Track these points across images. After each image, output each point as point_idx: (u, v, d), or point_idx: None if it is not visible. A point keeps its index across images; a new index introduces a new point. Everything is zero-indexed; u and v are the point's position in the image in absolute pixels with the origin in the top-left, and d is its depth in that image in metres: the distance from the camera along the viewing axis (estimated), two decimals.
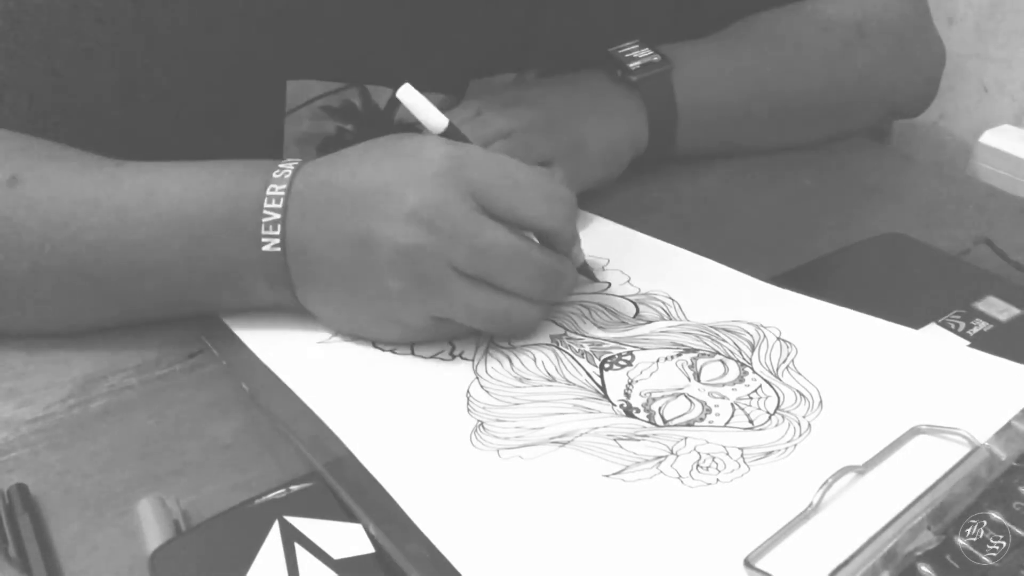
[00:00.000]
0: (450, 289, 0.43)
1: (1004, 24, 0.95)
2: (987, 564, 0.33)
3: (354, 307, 0.46)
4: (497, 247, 0.43)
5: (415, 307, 0.44)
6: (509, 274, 0.44)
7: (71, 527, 0.38)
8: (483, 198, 0.43)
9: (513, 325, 0.46)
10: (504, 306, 0.45)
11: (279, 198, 0.45)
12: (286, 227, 0.45)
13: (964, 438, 0.38)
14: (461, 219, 0.42)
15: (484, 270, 0.43)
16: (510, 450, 0.39)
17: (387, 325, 0.46)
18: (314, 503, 0.37)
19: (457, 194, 0.43)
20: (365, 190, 0.44)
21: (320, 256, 0.45)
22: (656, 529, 0.35)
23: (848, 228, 0.60)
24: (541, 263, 0.45)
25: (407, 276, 0.43)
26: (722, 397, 0.42)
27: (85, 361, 0.48)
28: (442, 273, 0.43)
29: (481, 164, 0.44)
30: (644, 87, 0.63)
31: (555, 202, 0.45)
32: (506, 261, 0.43)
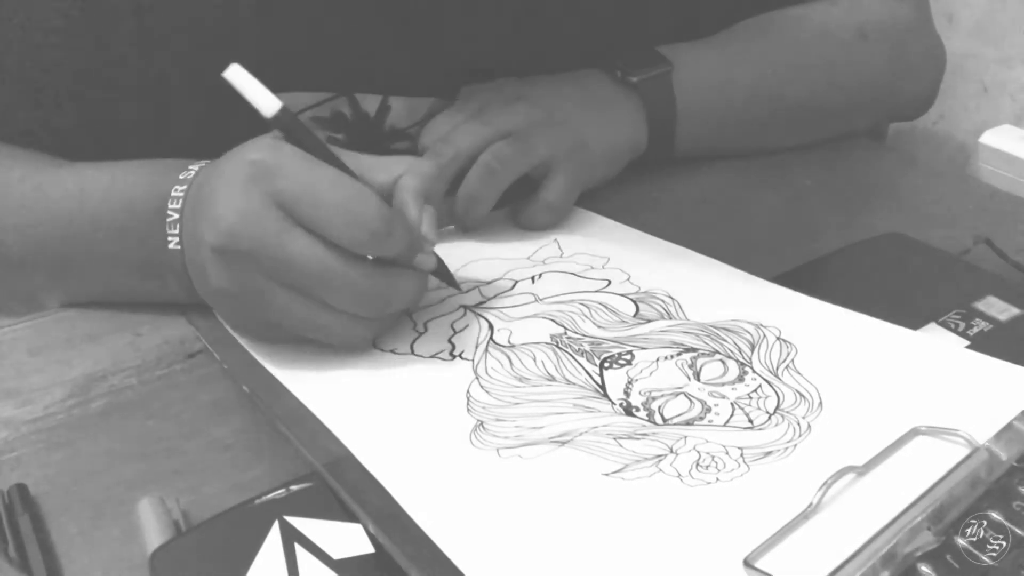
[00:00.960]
0: (268, 297, 0.43)
1: (1004, 24, 0.95)
2: (987, 564, 0.33)
3: (215, 307, 0.47)
4: (302, 260, 0.41)
5: (245, 311, 0.45)
6: (319, 288, 0.42)
7: (71, 527, 0.38)
8: (288, 208, 0.42)
9: (338, 339, 0.45)
10: (324, 320, 0.43)
11: (179, 199, 0.46)
12: (182, 225, 0.46)
13: (964, 439, 0.38)
14: (267, 226, 0.41)
15: (294, 281, 0.42)
16: (510, 449, 0.39)
17: (239, 325, 0.47)
18: (314, 503, 0.37)
19: (262, 202, 0.41)
20: (201, 194, 0.45)
21: (189, 258, 0.46)
22: (655, 528, 0.35)
23: (848, 228, 0.60)
24: (352, 281, 0.42)
25: (224, 278, 0.43)
26: (722, 396, 0.42)
27: (85, 361, 0.48)
28: (256, 279, 0.42)
29: (290, 171, 0.42)
30: (644, 88, 0.63)
31: (354, 221, 0.42)
32: (313, 276, 0.42)
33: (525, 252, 0.57)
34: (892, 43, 0.72)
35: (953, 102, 0.98)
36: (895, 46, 0.72)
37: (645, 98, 0.63)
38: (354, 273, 0.42)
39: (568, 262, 0.55)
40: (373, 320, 0.45)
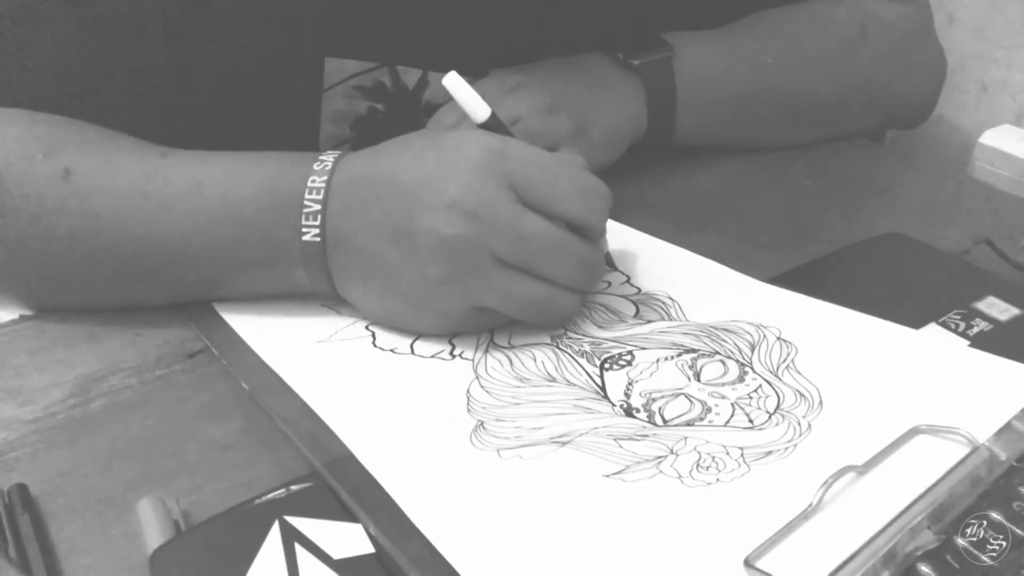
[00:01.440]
0: (491, 278, 0.44)
1: (1004, 24, 0.95)
2: (987, 564, 0.33)
3: (393, 297, 0.47)
4: (537, 237, 0.44)
5: (456, 296, 0.45)
6: (549, 263, 0.45)
7: (71, 527, 0.38)
8: (522, 190, 0.44)
9: (552, 313, 0.47)
10: (544, 294, 0.46)
11: (320, 189, 0.46)
12: (326, 218, 0.46)
13: (964, 438, 0.38)
14: (501, 209, 0.43)
15: (524, 259, 0.44)
16: (510, 450, 0.39)
17: (426, 315, 0.47)
18: (314, 503, 0.37)
19: (497, 185, 0.44)
20: (406, 183, 0.45)
21: (360, 248, 0.46)
22: (656, 529, 0.35)
23: (848, 228, 0.60)
24: (580, 252, 0.46)
25: (449, 265, 0.44)
26: (722, 397, 0.42)
27: (85, 361, 0.48)
28: (483, 262, 0.44)
29: (520, 157, 0.45)
30: (645, 71, 0.63)
31: (591, 196, 0.46)
32: (546, 250, 0.44)
33: None
34: (893, 45, 0.72)
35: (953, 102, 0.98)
36: (896, 48, 0.72)
37: (646, 82, 0.63)
38: (579, 245, 0.46)
39: None
40: (581, 291, 0.48)
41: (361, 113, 0.62)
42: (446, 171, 0.44)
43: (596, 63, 0.64)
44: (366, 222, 0.45)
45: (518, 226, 0.44)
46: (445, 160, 0.45)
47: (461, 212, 0.43)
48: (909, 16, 0.73)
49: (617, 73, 0.64)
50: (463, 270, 0.44)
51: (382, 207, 0.45)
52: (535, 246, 0.44)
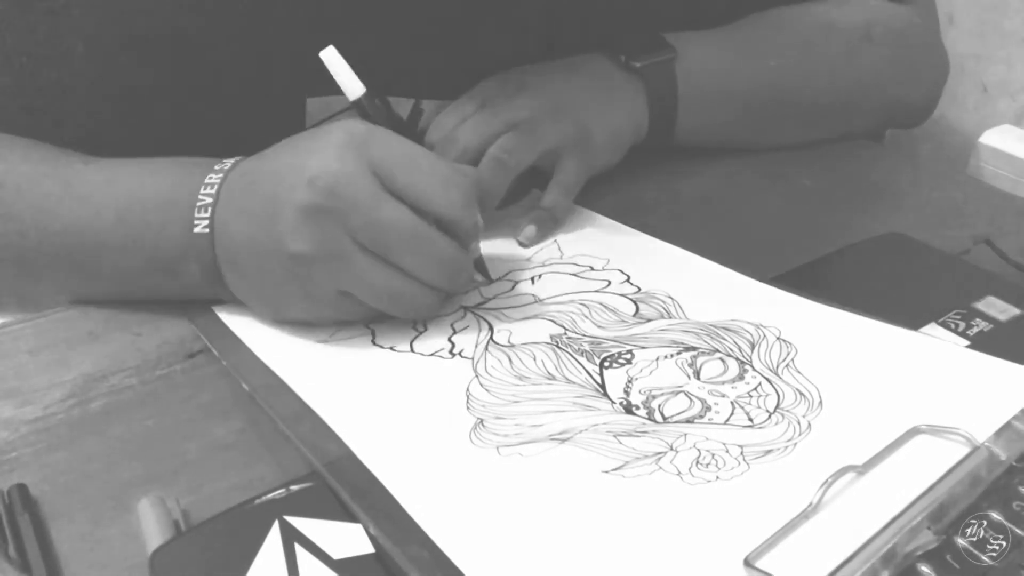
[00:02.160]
0: (350, 260, 0.44)
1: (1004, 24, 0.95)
2: (987, 564, 0.33)
3: (267, 285, 0.47)
4: (395, 224, 0.44)
5: (319, 276, 0.45)
6: (406, 254, 0.45)
7: (71, 527, 0.38)
8: (383, 175, 0.44)
9: (408, 307, 0.47)
10: (400, 286, 0.46)
11: (213, 185, 0.48)
12: (215, 211, 0.47)
13: (964, 438, 0.38)
14: (360, 191, 0.44)
15: (382, 245, 0.44)
16: (510, 447, 0.39)
17: (297, 300, 0.47)
18: (314, 503, 0.37)
19: (358, 167, 0.44)
20: (277, 165, 0.47)
21: (237, 234, 0.47)
22: (655, 526, 0.35)
23: (848, 228, 0.60)
24: (440, 249, 0.46)
25: (309, 240, 0.44)
26: (722, 395, 0.42)
27: (85, 361, 0.48)
28: (342, 241, 0.44)
29: (384, 143, 0.45)
30: (647, 73, 0.63)
31: (453, 188, 0.46)
32: (404, 240, 0.45)
33: (525, 253, 0.57)
34: (896, 46, 0.72)
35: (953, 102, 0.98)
36: (899, 49, 0.72)
37: (648, 83, 0.64)
38: (441, 241, 0.46)
39: (568, 263, 0.55)
40: (441, 292, 0.48)
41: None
42: (310, 150, 0.45)
43: (598, 65, 0.64)
44: (243, 209, 0.47)
45: (376, 210, 0.44)
46: (312, 143, 0.46)
47: (320, 187, 0.44)
48: (914, 18, 0.73)
49: (619, 74, 0.64)
50: (323, 246, 0.44)
51: (255, 192, 0.46)
52: (392, 234, 0.44)
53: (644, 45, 0.65)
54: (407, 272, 0.46)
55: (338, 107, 0.59)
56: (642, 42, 0.65)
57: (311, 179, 0.44)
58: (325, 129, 0.47)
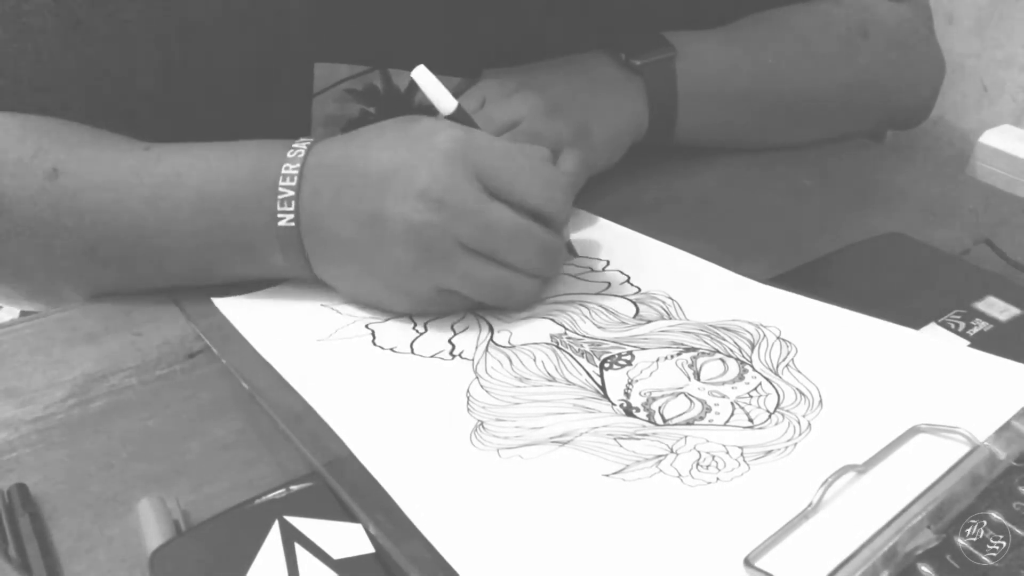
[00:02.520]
0: (456, 262, 0.46)
1: (1004, 24, 0.95)
2: (987, 564, 0.33)
3: (365, 278, 0.49)
4: (501, 225, 0.46)
5: (423, 279, 0.47)
6: (512, 250, 0.47)
7: (71, 527, 0.38)
8: (488, 179, 0.46)
9: (513, 296, 0.49)
10: (506, 279, 0.48)
11: (293, 176, 0.48)
12: (299, 203, 0.48)
13: (964, 437, 0.38)
14: (468, 198, 0.46)
15: (488, 246, 0.47)
16: (510, 450, 0.39)
17: (396, 295, 0.49)
18: (314, 503, 0.37)
19: (464, 175, 0.46)
20: (377, 171, 0.47)
21: (333, 231, 0.48)
22: (656, 528, 0.35)
23: (848, 228, 0.60)
24: (542, 240, 0.48)
25: (417, 250, 0.46)
26: (722, 396, 0.42)
27: (85, 361, 0.48)
28: (449, 248, 0.46)
29: (487, 148, 0.47)
30: (647, 72, 0.63)
31: (554, 186, 0.48)
32: (509, 238, 0.47)
33: None
34: (893, 45, 0.72)
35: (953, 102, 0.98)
36: (896, 48, 0.72)
37: (648, 82, 0.64)
38: (541, 233, 0.48)
39: (568, 264, 0.55)
40: (541, 277, 0.51)
41: (353, 116, 0.62)
42: (416, 160, 0.46)
43: (597, 63, 0.64)
44: (339, 207, 0.47)
45: (483, 214, 0.46)
46: (415, 149, 0.47)
47: (430, 200, 0.45)
48: (909, 17, 0.74)
49: (619, 73, 0.64)
50: (430, 255, 0.46)
51: (354, 193, 0.47)
52: (499, 234, 0.46)
53: (644, 44, 0.65)
54: (511, 265, 0.48)
55: (344, 72, 0.60)
56: (642, 41, 0.65)
57: (421, 193, 0.45)
58: (426, 132, 0.48)
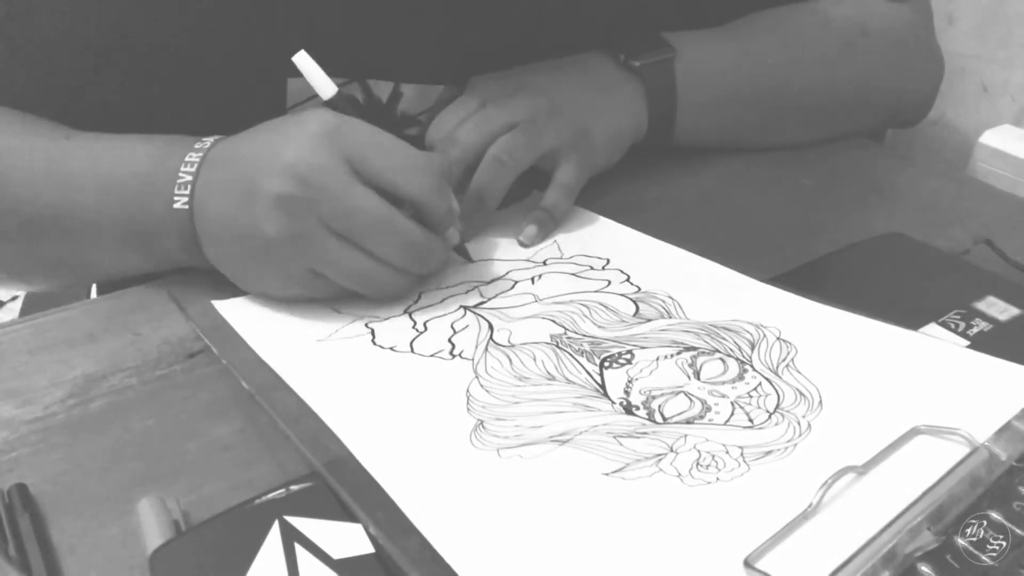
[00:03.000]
0: (321, 243, 0.47)
1: (1004, 24, 0.95)
2: (987, 564, 0.33)
3: (244, 259, 0.49)
4: (364, 210, 0.46)
5: (292, 257, 0.48)
6: (374, 238, 0.47)
7: (71, 527, 0.38)
8: (355, 162, 0.47)
9: (377, 289, 0.50)
10: (369, 269, 0.48)
11: (194, 163, 0.50)
12: (195, 188, 0.49)
13: (964, 438, 0.38)
14: (332, 178, 0.46)
15: (351, 230, 0.47)
16: (510, 449, 0.39)
17: (271, 275, 0.49)
18: (314, 503, 0.37)
19: (331, 155, 0.46)
20: (253, 151, 0.49)
21: (216, 211, 0.49)
22: (656, 528, 0.35)
23: (848, 228, 0.60)
24: (406, 233, 0.48)
25: (282, 225, 0.46)
26: (722, 395, 0.42)
27: (85, 361, 0.48)
28: (314, 227, 0.46)
29: (356, 131, 0.48)
30: (646, 73, 0.63)
31: (423, 172, 0.48)
32: (371, 225, 0.47)
33: (525, 253, 0.57)
34: (893, 44, 0.72)
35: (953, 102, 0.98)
36: (896, 47, 0.72)
37: (647, 83, 0.64)
38: (408, 226, 0.48)
39: (568, 263, 0.55)
40: (410, 275, 0.50)
41: None
42: (286, 139, 0.47)
43: (597, 64, 0.64)
44: (221, 189, 0.48)
45: (346, 197, 0.46)
46: (288, 130, 0.48)
47: (293, 175, 0.46)
48: (909, 17, 0.74)
49: (618, 74, 0.64)
50: (296, 231, 0.46)
51: (233, 172, 0.48)
52: (361, 219, 0.46)
53: (643, 44, 0.64)
54: (375, 255, 0.48)
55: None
56: (641, 41, 0.65)
57: (285, 167, 0.46)
58: (301, 117, 0.48)
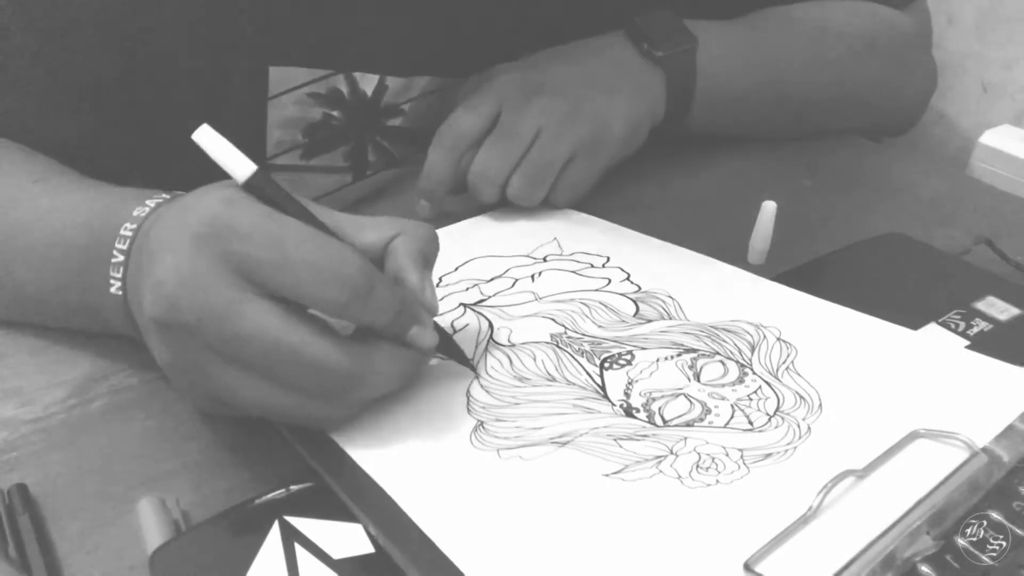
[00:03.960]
0: (210, 372, 0.36)
1: (1004, 24, 0.95)
2: (987, 564, 0.34)
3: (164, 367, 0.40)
4: (256, 336, 0.35)
5: (184, 383, 0.39)
6: (276, 367, 0.36)
7: (71, 527, 0.38)
8: (246, 271, 0.36)
9: (297, 421, 0.39)
10: (278, 401, 0.37)
11: (127, 239, 0.41)
12: (126, 271, 0.41)
13: (963, 443, 0.38)
14: (212, 298, 0.35)
15: (244, 360, 0.36)
16: (510, 450, 0.39)
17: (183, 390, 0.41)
18: (314, 503, 0.37)
19: (211, 264, 0.36)
20: (148, 247, 0.39)
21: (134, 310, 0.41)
22: (656, 530, 0.35)
23: (848, 228, 0.60)
24: (315, 357, 0.36)
25: (165, 352, 0.38)
26: (722, 398, 0.42)
27: (85, 361, 0.48)
28: (199, 354, 0.36)
29: (249, 230, 0.36)
30: (668, 63, 0.63)
31: (335, 282, 0.36)
32: (268, 352, 0.36)
33: (525, 250, 0.57)
34: (895, 55, 0.73)
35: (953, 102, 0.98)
36: (897, 59, 0.74)
37: (668, 74, 0.64)
38: (318, 347, 0.36)
39: (568, 260, 0.55)
40: (345, 401, 0.38)
41: (315, 120, 0.62)
42: (168, 238, 0.37)
43: (619, 52, 0.64)
44: (132, 284, 0.40)
45: (230, 322, 0.35)
46: (176, 223, 0.38)
47: (164, 296, 0.36)
48: (912, 31, 0.75)
49: (639, 62, 0.64)
50: (179, 360, 0.37)
51: (134, 271, 0.40)
52: (254, 348, 0.35)
53: (664, 32, 0.64)
54: (283, 384, 0.37)
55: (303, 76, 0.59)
56: (663, 29, 0.64)
57: (155, 284, 0.36)
58: (193, 203, 0.38)
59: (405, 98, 0.64)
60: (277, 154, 0.61)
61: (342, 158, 0.63)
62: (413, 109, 0.63)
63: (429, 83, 0.64)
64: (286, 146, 0.61)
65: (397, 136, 0.65)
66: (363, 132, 0.62)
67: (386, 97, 0.62)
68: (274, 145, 0.61)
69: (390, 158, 0.65)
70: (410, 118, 0.64)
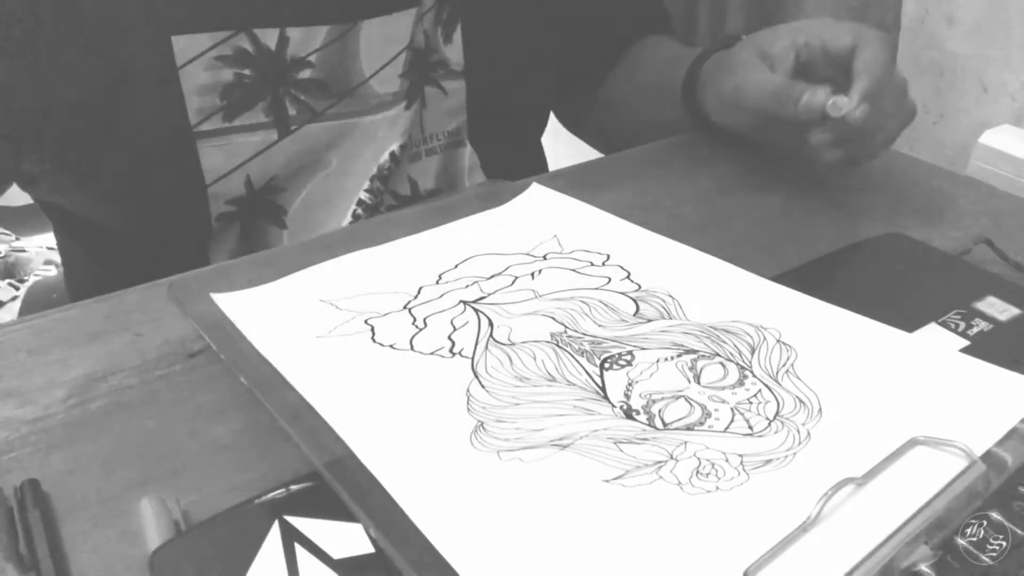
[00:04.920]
0: None
1: (1004, 24, 0.95)
2: (987, 564, 0.34)
3: None
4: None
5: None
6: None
7: (71, 527, 0.38)
8: None
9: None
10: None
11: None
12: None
13: (962, 451, 0.37)
14: None
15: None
16: (511, 452, 0.39)
17: None
18: (314, 503, 0.37)
19: None
20: None
21: None
22: (655, 537, 0.35)
23: (848, 228, 0.60)
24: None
25: None
26: (722, 401, 0.42)
27: (85, 361, 0.48)
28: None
29: None
30: None
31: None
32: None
33: (525, 247, 0.56)
34: None
35: (953, 102, 0.98)
36: None
37: None
38: None
39: (568, 258, 0.55)
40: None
41: (228, 82, 0.63)
42: None
43: None
44: None
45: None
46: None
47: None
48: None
49: None
50: None
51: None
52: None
53: None
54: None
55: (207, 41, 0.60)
56: None
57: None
58: None
59: (310, 49, 0.65)
60: (201, 120, 0.62)
61: (263, 114, 0.64)
62: (320, 59, 0.64)
63: (330, 32, 0.64)
64: (208, 111, 0.62)
65: (309, 88, 0.65)
66: (276, 85, 0.63)
67: (290, 49, 0.63)
68: (196, 112, 0.62)
69: (309, 110, 0.66)
70: (319, 69, 0.65)
